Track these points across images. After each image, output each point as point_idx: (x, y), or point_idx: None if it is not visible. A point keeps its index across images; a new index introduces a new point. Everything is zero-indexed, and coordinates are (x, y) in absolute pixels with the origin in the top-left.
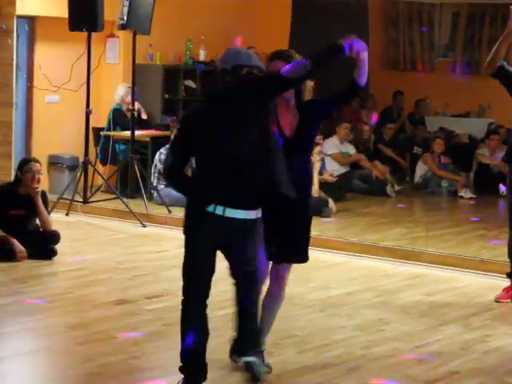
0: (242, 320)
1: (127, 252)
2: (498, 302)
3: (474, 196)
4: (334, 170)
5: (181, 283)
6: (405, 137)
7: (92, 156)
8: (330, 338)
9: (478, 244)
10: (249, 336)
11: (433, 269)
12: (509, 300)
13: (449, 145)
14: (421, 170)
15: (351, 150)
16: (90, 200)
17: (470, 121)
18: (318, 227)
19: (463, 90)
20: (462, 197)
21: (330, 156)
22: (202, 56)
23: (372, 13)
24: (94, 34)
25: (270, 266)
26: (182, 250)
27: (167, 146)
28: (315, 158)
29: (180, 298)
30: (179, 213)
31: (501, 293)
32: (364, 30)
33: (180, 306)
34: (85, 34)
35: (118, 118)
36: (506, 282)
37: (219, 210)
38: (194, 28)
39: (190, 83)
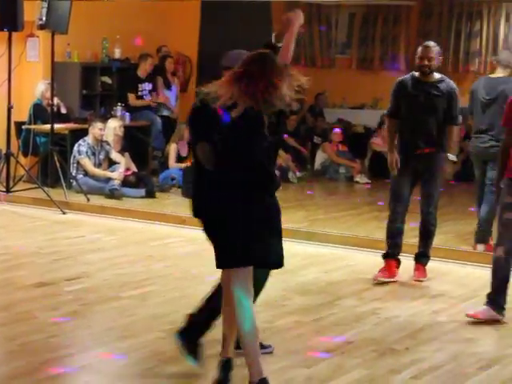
0: None
1: (48, 238)
2: (375, 281)
3: (369, 181)
4: None
5: (99, 266)
6: (306, 127)
7: (14, 148)
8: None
9: (372, 225)
10: None
11: (331, 248)
12: (385, 279)
13: (346, 134)
14: (320, 157)
15: None
16: (13, 190)
17: (365, 112)
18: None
19: (359, 84)
20: (357, 182)
21: None
22: (118, 54)
23: (275, 14)
24: (14, 34)
25: None
26: (99, 235)
27: (85, 138)
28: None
29: (97, 279)
30: (97, 200)
31: (377, 274)
32: (268, 31)
33: None
34: (6, 34)
35: (39, 112)
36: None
37: None
38: (110, 28)
39: (107, 79)
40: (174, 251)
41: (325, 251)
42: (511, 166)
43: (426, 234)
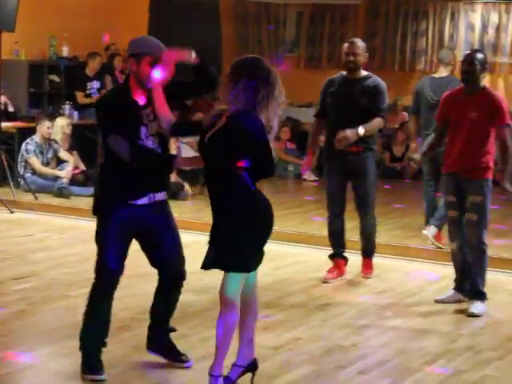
0: None
1: None
2: (325, 282)
3: (317, 179)
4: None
5: (47, 264)
6: None
7: None
8: (186, 311)
9: (319, 222)
10: None
11: (279, 245)
12: (335, 279)
13: (294, 132)
14: None
15: None
16: None
17: (313, 110)
18: (177, 209)
19: (307, 82)
20: (305, 179)
21: (185, 143)
22: (66, 52)
23: (223, 13)
24: None
25: None
26: (47, 234)
27: (33, 136)
28: (171, 146)
29: (46, 278)
30: (45, 199)
31: (326, 274)
32: (216, 29)
33: None
34: None
35: None
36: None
37: None
38: (58, 26)
39: (54, 77)
40: None
41: (273, 248)
42: (447, 161)
43: (366, 235)
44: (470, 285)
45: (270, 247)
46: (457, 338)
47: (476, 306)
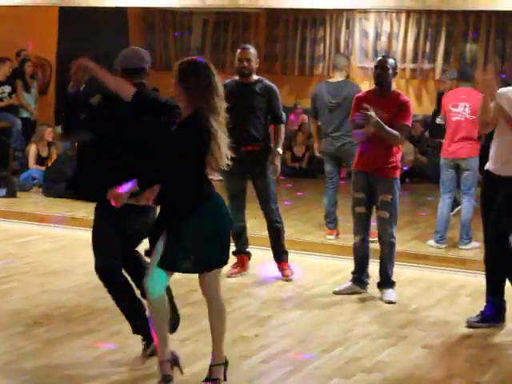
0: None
1: None
2: (229, 277)
3: (221, 178)
4: None
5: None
6: None
7: None
8: (94, 306)
9: None
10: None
11: None
12: (238, 274)
13: None
14: None
15: None
16: None
17: None
18: None
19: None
20: (211, 179)
21: None
22: None
23: (131, 20)
24: None
25: None
26: None
27: None
28: None
29: None
30: None
31: (230, 270)
32: (125, 37)
33: None
34: None
35: None
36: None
37: None
38: None
39: None
40: (34, 248)
41: None
42: (359, 160)
43: (275, 232)
44: (381, 275)
45: None
46: (353, 327)
47: (390, 294)
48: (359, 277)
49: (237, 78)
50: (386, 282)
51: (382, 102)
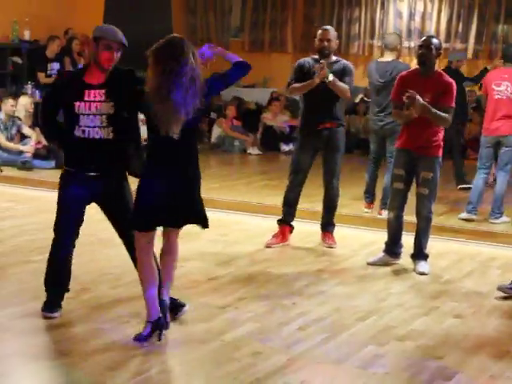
0: None
1: None
2: (268, 247)
3: (260, 153)
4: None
5: (9, 232)
6: None
7: None
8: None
9: (263, 192)
10: None
11: (225, 214)
12: (278, 244)
13: (240, 110)
14: (216, 132)
15: None
16: None
17: (257, 90)
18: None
19: (251, 64)
20: (250, 154)
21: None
22: (27, 36)
23: (174, 1)
24: None
25: None
26: (11, 204)
27: None
28: None
29: (9, 245)
30: (10, 172)
31: (270, 240)
32: (168, 17)
33: None
34: None
35: None
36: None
37: None
38: (19, 11)
39: (17, 59)
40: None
41: (220, 216)
42: (401, 138)
43: (330, 206)
44: (415, 247)
45: (218, 215)
46: (387, 297)
47: (423, 266)
48: (392, 248)
49: (316, 56)
50: (419, 253)
51: (425, 81)
